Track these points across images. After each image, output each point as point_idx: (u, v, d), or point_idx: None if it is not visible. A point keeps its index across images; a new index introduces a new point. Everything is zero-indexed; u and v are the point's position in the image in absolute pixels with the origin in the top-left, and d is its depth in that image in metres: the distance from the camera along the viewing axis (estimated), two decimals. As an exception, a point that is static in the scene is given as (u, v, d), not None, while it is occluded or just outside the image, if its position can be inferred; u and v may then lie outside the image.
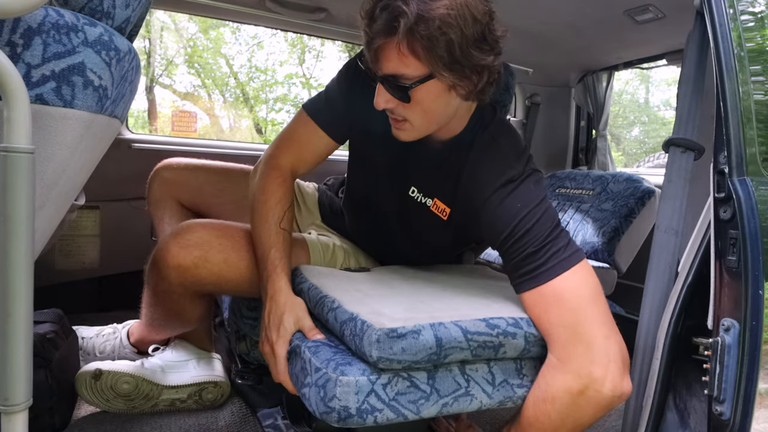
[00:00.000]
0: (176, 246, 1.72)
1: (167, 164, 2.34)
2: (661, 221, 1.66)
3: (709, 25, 1.57)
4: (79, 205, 2.38)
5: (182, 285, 1.77)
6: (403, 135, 1.65)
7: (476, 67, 1.48)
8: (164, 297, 1.86)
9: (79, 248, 3.19)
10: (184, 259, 1.71)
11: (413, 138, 1.66)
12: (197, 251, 1.72)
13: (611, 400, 1.40)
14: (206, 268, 1.74)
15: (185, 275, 1.73)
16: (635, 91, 18.98)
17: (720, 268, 1.45)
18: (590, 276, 1.50)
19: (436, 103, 1.55)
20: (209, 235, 1.76)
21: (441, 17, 1.38)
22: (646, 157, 9.09)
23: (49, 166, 1.11)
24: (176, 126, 5.78)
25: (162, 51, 13.77)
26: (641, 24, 2.99)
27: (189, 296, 1.85)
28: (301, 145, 1.89)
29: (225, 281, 1.78)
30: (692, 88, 1.71)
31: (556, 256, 1.48)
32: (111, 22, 1.18)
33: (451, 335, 1.34)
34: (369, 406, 1.29)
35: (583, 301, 1.45)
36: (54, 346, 1.94)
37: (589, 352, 1.39)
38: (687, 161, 1.68)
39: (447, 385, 1.38)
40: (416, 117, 1.58)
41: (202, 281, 1.76)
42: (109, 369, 2.02)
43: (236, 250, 1.77)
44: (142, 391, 2.04)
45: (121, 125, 1.51)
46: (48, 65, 1.02)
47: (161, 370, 2.10)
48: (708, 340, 1.43)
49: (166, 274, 1.74)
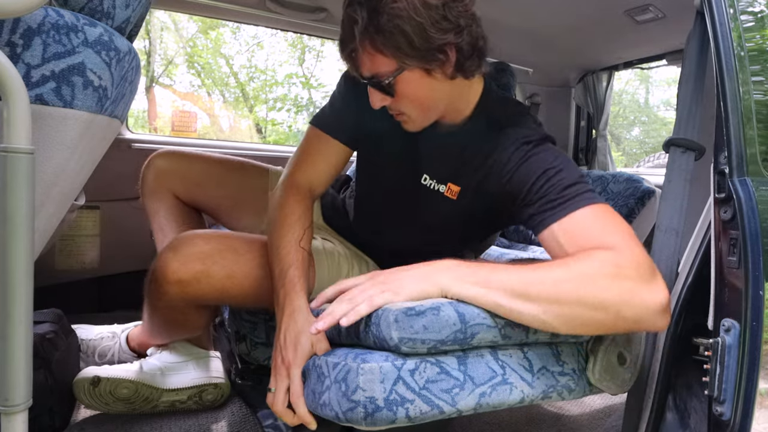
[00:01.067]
0: (176, 261, 1.66)
1: (163, 153, 2.27)
2: (662, 221, 1.67)
3: (710, 25, 1.57)
4: (79, 205, 2.38)
5: (183, 300, 1.72)
6: (408, 127, 1.71)
7: (441, 48, 1.50)
8: (165, 311, 1.83)
9: (79, 248, 3.20)
10: (184, 275, 1.65)
11: (419, 127, 1.71)
12: (198, 266, 1.66)
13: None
14: (208, 283, 1.67)
15: (186, 290, 1.67)
16: (635, 91, 19.02)
17: (720, 269, 1.45)
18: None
19: (421, 91, 1.59)
20: (211, 249, 1.69)
21: (389, 12, 1.44)
22: (647, 157, 9.11)
23: (49, 166, 1.11)
24: (176, 125, 5.78)
25: (162, 51, 13.80)
26: (641, 24, 2.99)
27: (192, 308, 1.83)
28: (314, 159, 1.90)
29: (228, 296, 1.73)
30: (692, 88, 1.72)
31: (590, 192, 1.46)
32: (111, 22, 1.18)
33: (474, 311, 1.28)
34: (398, 396, 1.18)
35: (619, 222, 1.41)
36: (54, 347, 1.94)
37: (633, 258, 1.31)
38: (687, 161, 1.68)
39: (481, 371, 1.30)
40: (409, 108, 1.63)
41: (204, 296, 1.70)
42: (107, 376, 1.99)
43: (239, 264, 1.71)
44: (141, 395, 2.03)
45: (121, 125, 1.51)
46: (48, 65, 1.02)
47: (160, 373, 2.09)
48: (708, 341, 1.43)
49: (166, 289, 1.68)
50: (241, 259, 1.72)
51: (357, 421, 1.19)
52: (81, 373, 2.00)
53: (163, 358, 2.14)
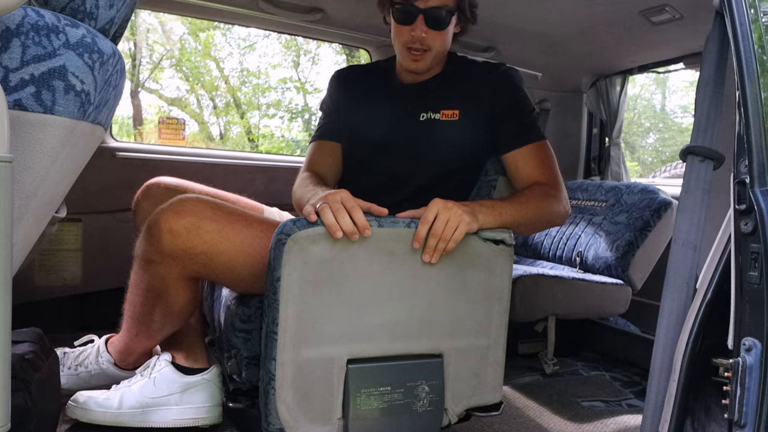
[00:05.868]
0: (170, 211, 1.84)
1: (160, 183, 2.39)
2: (679, 235, 1.66)
3: (730, 26, 1.57)
4: (60, 218, 2.38)
5: (172, 254, 1.85)
6: (420, 64, 2.23)
7: (472, 4, 2.26)
8: (151, 272, 1.94)
9: (60, 263, 3.19)
10: (176, 223, 1.82)
11: (428, 66, 2.26)
12: (191, 217, 1.83)
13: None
14: (198, 236, 1.83)
15: (176, 241, 1.83)
16: (651, 97, 19.00)
17: (741, 285, 1.45)
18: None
19: (449, 33, 2.22)
20: (204, 207, 1.87)
21: None
22: (663, 166, 9.11)
23: (28, 176, 1.11)
24: (163, 134, 5.77)
25: (148, 54, 13.81)
26: (657, 25, 3.00)
27: (176, 275, 1.92)
28: (318, 166, 2.38)
29: (217, 252, 1.86)
30: (711, 93, 1.71)
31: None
32: (94, 23, 1.18)
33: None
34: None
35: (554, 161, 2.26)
36: (33, 368, 1.93)
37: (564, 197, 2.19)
38: (706, 171, 1.68)
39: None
40: (438, 44, 2.20)
41: (193, 249, 1.84)
42: (86, 420, 2.08)
43: (231, 223, 1.89)
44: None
45: (105, 132, 1.51)
46: (27, 69, 1.02)
47: (141, 412, 2.09)
48: (728, 361, 1.43)
49: (157, 238, 1.84)
50: (233, 219, 1.92)
51: None
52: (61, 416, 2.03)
53: (145, 390, 2.12)
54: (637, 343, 3.39)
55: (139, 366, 2.24)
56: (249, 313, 1.94)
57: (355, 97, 2.42)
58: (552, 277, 3.11)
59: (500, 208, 1.99)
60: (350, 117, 2.41)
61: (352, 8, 3.21)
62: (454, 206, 1.84)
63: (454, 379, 1.94)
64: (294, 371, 1.74)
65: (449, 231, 1.82)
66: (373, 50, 3.90)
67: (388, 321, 1.84)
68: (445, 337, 1.92)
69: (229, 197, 2.43)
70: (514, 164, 2.21)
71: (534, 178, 2.17)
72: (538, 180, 2.16)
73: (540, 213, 2.08)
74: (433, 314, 1.90)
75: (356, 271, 1.79)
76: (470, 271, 1.93)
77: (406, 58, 2.23)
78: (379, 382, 1.83)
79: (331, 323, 1.77)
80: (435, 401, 1.90)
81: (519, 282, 2.97)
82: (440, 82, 2.34)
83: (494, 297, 1.97)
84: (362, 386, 1.81)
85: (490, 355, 1.99)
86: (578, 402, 2.86)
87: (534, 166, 2.19)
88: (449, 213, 1.83)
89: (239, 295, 2.00)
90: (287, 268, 1.70)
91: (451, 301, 1.91)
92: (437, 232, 1.82)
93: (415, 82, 2.35)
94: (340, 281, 1.77)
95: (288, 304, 1.71)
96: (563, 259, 3.64)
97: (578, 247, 3.53)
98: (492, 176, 2.29)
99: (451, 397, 1.94)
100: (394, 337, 1.86)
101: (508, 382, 3.06)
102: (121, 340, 2.29)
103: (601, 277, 3.28)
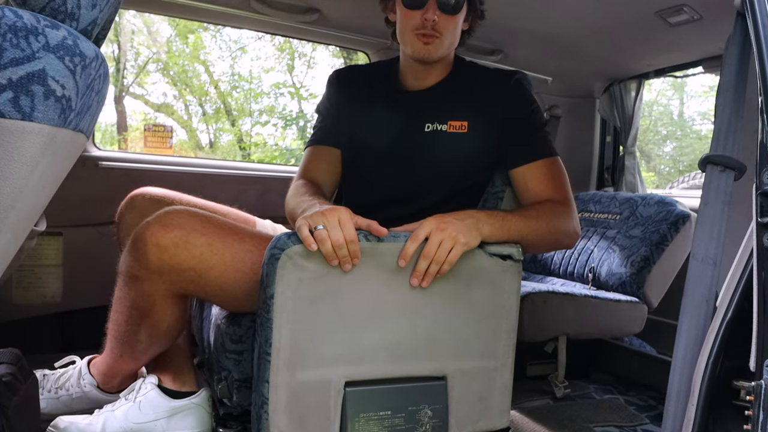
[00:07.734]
0: (157, 224, 1.81)
1: (146, 194, 2.37)
2: (697, 249, 1.66)
3: (752, 28, 1.56)
4: (39, 231, 2.38)
5: (159, 270, 1.83)
6: (432, 49, 2.19)
7: (480, 3, 2.33)
8: (136, 289, 1.91)
9: (39, 280, 3.19)
10: (163, 237, 1.79)
11: (438, 54, 2.22)
12: (179, 231, 1.81)
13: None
14: (187, 251, 1.81)
15: (163, 256, 1.80)
16: (668, 103, 19.03)
17: (764, 302, 1.44)
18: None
19: (459, 26, 2.25)
20: (193, 219, 1.86)
21: None
22: (680, 177, 9.11)
23: (6, 187, 1.11)
24: (149, 142, 5.77)
25: (133, 57, 13.82)
26: (675, 27, 3.00)
27: (162, 292, 1.90)
28: (314, 172, 2.37)
29: (207, 268, 1.84)
30: (732, 98, 1.71)
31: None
32: (75, 24, 1.18)
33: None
34: None
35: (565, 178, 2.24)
36: (11, 391, 1.93)
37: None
38: (726, 181, 1.67)
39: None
40: (449, 31, 2.20)
41: (181, 265, 1.82)
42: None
43: (221, 237, 1.87)
44: None
45: (87, 141, 1.51)
46: (4, 73, 1.02)
47: None
48: (750, 384, 1.42)
49: (143, 253, 1.81)
50: (223, 232, 1.90)
51: None
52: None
53: (130, 415, 2.11)
54: (654, 365, 3.39)
55: (124, 389, 2.22)
56: (240, 333, 1.94)
57: (357, 101, 2.41)
58: (563, 295, 3.10)
59: (508, 221, 1.98)
60: (351, 121, 2.39)
61: (350, 8, 3.22)
62: (448, 225, 1.83)
63: (459, 403, 1.93)
64: (288, 394, 1.74)
65: (442, 253, 1.82)
66: (373, 53, 3.91)
67: (388, 341, 1.83)
68: (449, 359, 1.91)
69: (219, 209, 2.42)
70: (524, 180, 2.21)
71: (544, 195, 2.17)
72: (548, 197, 2.16)
73: (549, 230, 2.08)
74: (436, 334, 1.89)
75: (354, 288, 1.79)
76: (476, 288, 1.92)
77: (417, 44, 2.19)
78: (379, 406, 1.83)
79: (328, 343, 1.77)
80: (438, 427, 1.89)
81: (527, 300, 2.95)
82: (446, 89, 2.32)
83: (501, 316, 1.97)
84: (361, 410, 1.81)
85: (496, 378, 1.99)
86: (591, 427, 2.85)
87: (545, 182, 2.19)
88: (443, 234, 1.81)
89: (230, 314, 1.99)
90: (281, 285, 1.70)
91: (456, 320, 1.90)
92: (429, 253, 1.81)
93: (419, 89, 2.34)
94: (338, 299, 1.77)
95: (282, 323, 1.71)
96: (575, 275, 3.63)
97: (591, 263, 3.53)
98: (499, 187, 2.29)
99: (456, 423, 1.93)
100: (394, 358, 1.85)
101: (516, 406, 3.05)
102: (105, 362, 2.27)
103: (615, 295, 3.26)
